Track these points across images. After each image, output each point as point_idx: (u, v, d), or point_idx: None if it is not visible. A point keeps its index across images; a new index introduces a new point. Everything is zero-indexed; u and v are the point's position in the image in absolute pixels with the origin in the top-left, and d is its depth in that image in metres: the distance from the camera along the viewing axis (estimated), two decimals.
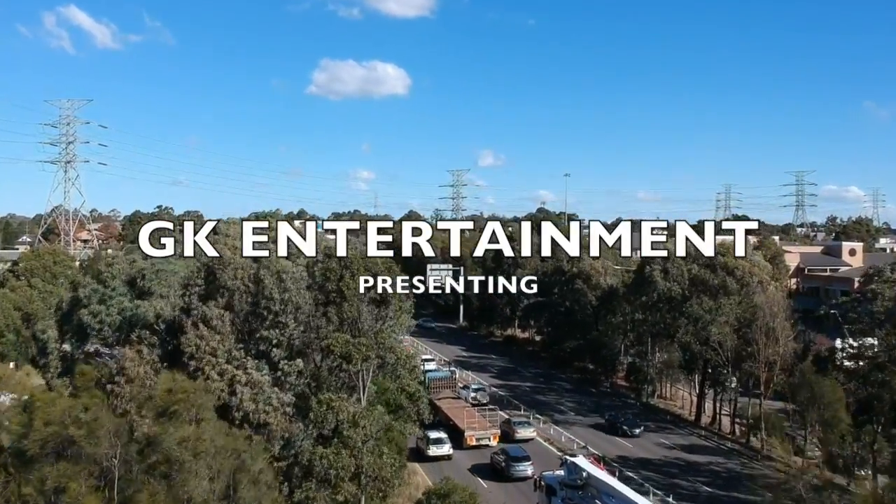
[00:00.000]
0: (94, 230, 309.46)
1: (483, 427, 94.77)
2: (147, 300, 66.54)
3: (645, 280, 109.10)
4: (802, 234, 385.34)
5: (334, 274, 53.96)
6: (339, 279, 53.98)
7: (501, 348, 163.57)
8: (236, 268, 56.15)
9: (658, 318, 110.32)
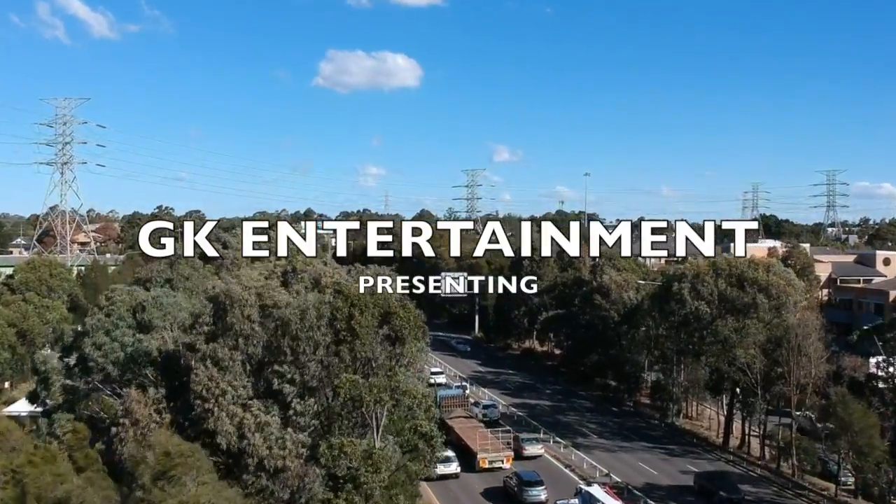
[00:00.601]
0: (92, 232, 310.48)
1: (496, 449, 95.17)
2: (149, 334, 67.05)
3: (672, 297, 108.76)
4: (833, 234, 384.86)
5: (342, 313, 54.21)
6: (348, 318, 54.21)
7: (519, 362, 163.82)
8: (245, 305, 56.48)
9: (684, 337, 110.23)
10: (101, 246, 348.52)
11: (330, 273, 71.26)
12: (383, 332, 54.96)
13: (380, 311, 54.99)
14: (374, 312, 54.52)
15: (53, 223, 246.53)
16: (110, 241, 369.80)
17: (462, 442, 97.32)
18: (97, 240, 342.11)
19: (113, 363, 65.08)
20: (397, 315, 54.98)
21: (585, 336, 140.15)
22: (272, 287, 59.63)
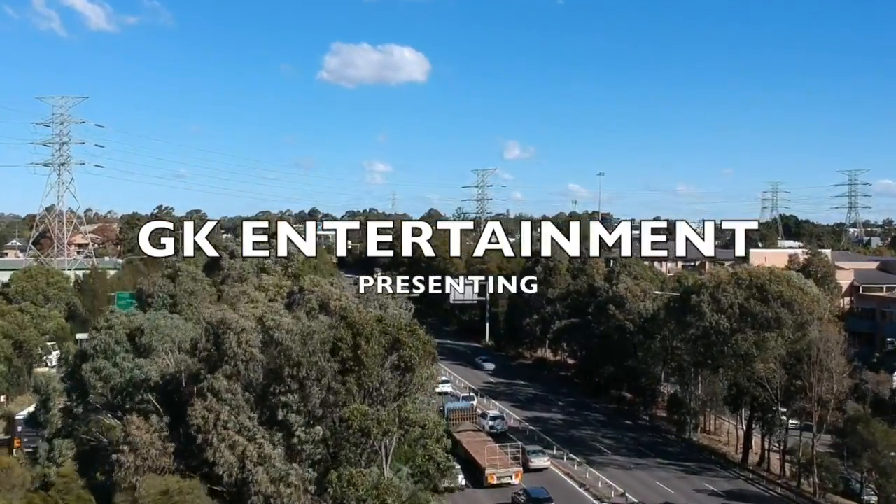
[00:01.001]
0: (90, 233, 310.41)
1: (505, 464, 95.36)
2: (149, 358, 67.31)
3: (690, 309, 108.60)
4: (855, 235, 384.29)
5: (346, 343, 54.26)
6: (354, 347, 54.22)
7: (531, 372, 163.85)
8: (241, 331, 56.61)
9: (702, 350, 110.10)
10: (99, 248, 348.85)
11: (338, 295, 71.32)
12: (392, 360, 54.95)
13: (388, 340, 54.94)
14: (381, 341, 54.50)
15: (50, 225, 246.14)
16: (109, 243, 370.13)
17: (470, 456, 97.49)
18: (95, 241, 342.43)
19: (112, 388, 65.38)
20: (406, 344, 54.91)
21: (600, 346, 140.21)
22: (275, 311, 59.64)
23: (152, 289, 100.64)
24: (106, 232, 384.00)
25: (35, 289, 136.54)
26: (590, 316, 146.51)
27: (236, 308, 62.32)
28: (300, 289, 73.92)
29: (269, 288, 78.53)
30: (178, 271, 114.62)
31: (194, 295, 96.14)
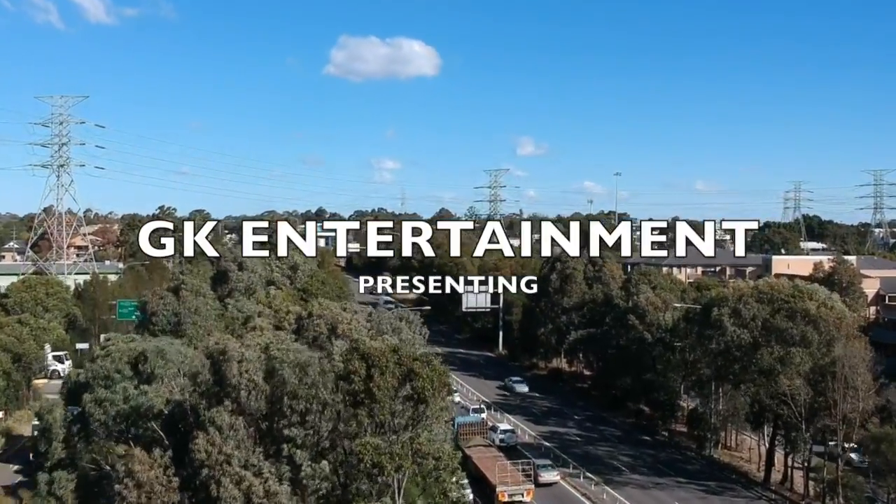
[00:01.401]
0: (90, 235, 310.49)
1: (516, 481, 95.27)
2: (153, 385, 67.46)
3: (711, 323, 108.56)
4: (880, 236, 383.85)
5: (359, 375, 54.28)
6: (366, 378, 54.22)
7: (546, 384, 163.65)
8: (241, 360, 56.71)
9: (723, 364, 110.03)
10: (99, 250, 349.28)
11: (347, 319, 71.30)
12: (405, 391, 54.99)
13: (401, 371, 54.97)
14: (394, 372, 54.55)
15: (49, 228, 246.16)
16: (109, 245, 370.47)
17: (480, 473, 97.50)
18: (95, 243, 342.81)
19: (115, 416, 65.54)
20: (420, 375, 54.92)
21: (617, 358, 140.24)
22: (282, 340, 59.77)
23: (157, 307, 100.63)
24: (106, 233, 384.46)
25: (34, 299, 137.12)
26: (607, 326, 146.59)
27: (242, 338, 62.38)
28: (309, 314, 73.68)
29: (278, 308, 78.43)
30: (181, 284, 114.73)
31: (198, 313, 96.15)
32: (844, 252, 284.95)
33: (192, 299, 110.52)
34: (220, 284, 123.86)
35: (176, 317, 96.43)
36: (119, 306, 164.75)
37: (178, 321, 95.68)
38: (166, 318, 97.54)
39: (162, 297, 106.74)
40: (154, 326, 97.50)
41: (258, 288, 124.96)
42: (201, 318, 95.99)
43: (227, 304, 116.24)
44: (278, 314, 77.72)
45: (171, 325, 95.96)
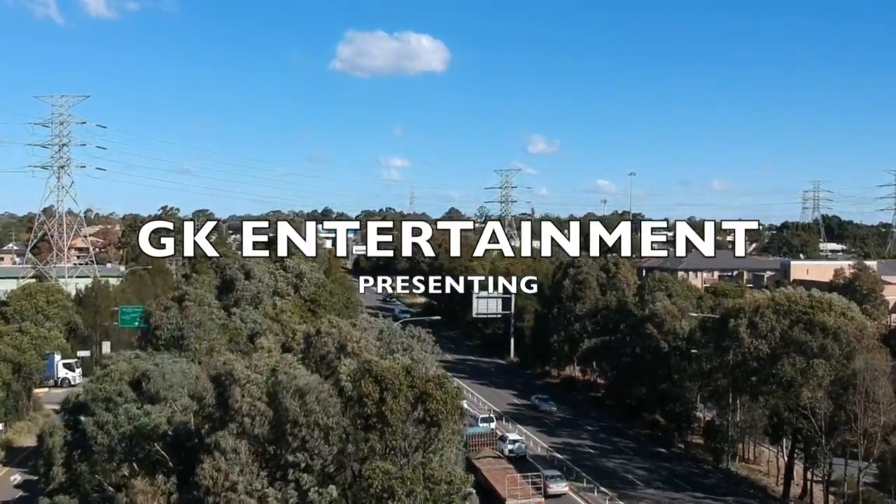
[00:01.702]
0: (91, 236, 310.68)
1: (526, 494, 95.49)
2: (156, 405, 67.58)
3: (728, 334, 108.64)
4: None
5: (371, 399, 54.25)
6: (379, 402, 54.18)
7: (559, 393, 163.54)
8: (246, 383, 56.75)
9: (740, 375, 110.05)
10: (100, 251, 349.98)
11: (357, 337, 71.19)
12: (416, 414, 55.00)
13: (414, 394, 54.97)
14: (407, 395, 54.58)
15: (49, 231, 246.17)
16: (110, 247, 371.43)
17: (489, 485, 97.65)
18: (96, 245, 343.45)
19: (118, 439, 65.63)
20: (434, 398, 54.90)
21: (631, 367, 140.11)
22: (289, 363, 59.80)
23: (160, 320, 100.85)
24: (107, 235, 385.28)
25: (34, 307, 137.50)
26: (621, 334, 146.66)
27: (249, 357, 62.41)
28: (317, 331, 73.55)
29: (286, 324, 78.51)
30: (185, 295, 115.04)
31: (202, 326, 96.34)
32: (864, 255, 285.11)
33: (196, 311, 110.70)
34: (225, 293, 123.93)
35: (179, 331, 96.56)
36: (121, 313, 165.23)
37: (182, 335, 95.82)
38: (169, 331, 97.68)
39: (166, 308, 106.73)
40: (157, 340, 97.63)
41: (265, 297, 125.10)
42: (205, 331, 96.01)
43: (233, 313, 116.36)
44: (286, 331, 77.69)
45: (175, 340, 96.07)
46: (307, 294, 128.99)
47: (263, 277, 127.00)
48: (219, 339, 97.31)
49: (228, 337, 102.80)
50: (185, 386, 68.14)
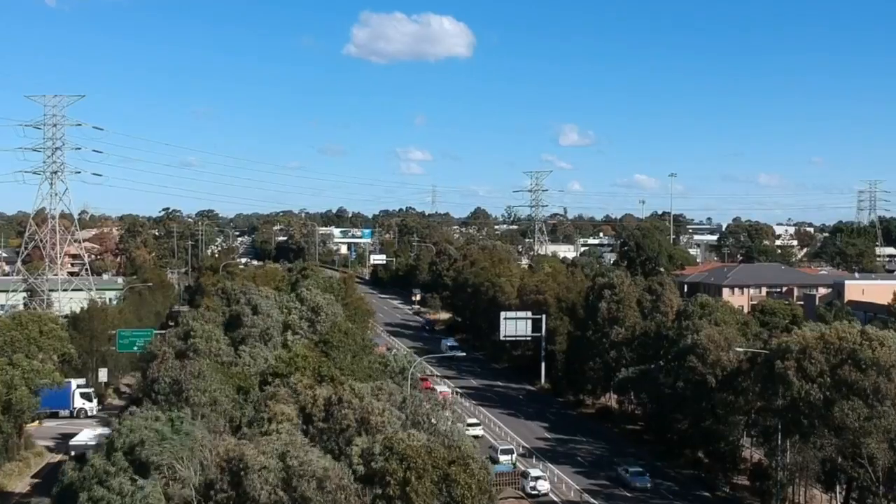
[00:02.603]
0: (86, 241, 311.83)
1: None
2: (151, 476, 67.78)
3: (775, 377, 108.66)
4: None
5: (395, 478, 54.70)
6: (403, 483, 54.57)
7: (594, 425, 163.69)
8: (261, 469, 57.22)
9: (791, 419, 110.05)
10: (97, 259, 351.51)
11: (379, 409, 71.41)
12: (442, 498, 55.43)
13: (438, 475, 55.30)
14: (432, 477, 54.94)
15: (41, 241, 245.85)
16: (107, 254, 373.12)
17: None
18: (91, 251, 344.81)
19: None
20: (458, 482, 55.24)
21: (672, 399, 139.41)
22: (299, 446, 60.25)
23: (157, 372, 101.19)
24: (104, 240, 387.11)
25: (26, 338, 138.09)
26: (661, 361, 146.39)
27: (255, 442, 62.71)
28: (339, 399, 73.63)
29: (302, 390, 78.52)
30: (190, 331, 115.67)
31: (202, 376, 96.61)
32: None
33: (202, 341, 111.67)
34: (233, 329, 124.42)
35: (177, 384, 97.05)
36: (119, 336, 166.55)
37: (180, 388, 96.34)
38: (167, 384, 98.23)
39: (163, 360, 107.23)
40: (156, 394, 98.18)
41: (275, 333, 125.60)
42: (206, 381, 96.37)
43: (242, 352, 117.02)
44: (300, 396, 77.89)
45: (174, 393, 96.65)
46: (320, 332, 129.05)
47: (272, 312, 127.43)
48: (223, 390, 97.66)
49: (236, 386, 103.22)
50: (183, 455, 68.31)
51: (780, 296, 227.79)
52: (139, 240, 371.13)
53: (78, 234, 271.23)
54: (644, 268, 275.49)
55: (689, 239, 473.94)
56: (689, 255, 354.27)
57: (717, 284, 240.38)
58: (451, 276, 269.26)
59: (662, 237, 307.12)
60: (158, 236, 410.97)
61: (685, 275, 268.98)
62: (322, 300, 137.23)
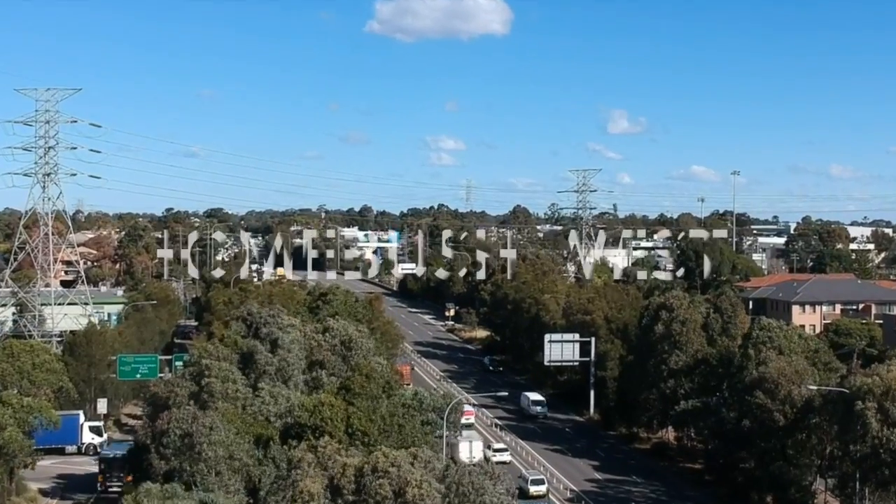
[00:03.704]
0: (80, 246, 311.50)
1: None
2: None
3: (852, 416, 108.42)
4: None
5: None
6: None
7: (649, 463, 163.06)
8: None
9: (870, 466, 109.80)
10: (94, 266, 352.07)
11: (417, 480, 71.55)
12: None
13: None
14: None
15: (32, 249, 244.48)
16: (105, 260, 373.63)
17: None
18: (88, 258, 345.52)
19: None
20: None
21: (736, 436, 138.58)
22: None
23: (165, 423, 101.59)
24: (101, 244, 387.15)
25: (18, 371, 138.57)
26: (726, 393, 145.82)
27: None
28: (373, 468, 73.63)
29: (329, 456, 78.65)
30: (204, 370, 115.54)
31: (214, 429, 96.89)
32: None
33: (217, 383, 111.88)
34: (250, 365, 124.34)
35: (188, 437, 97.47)
36: (120, 363, 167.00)
37: (192, 442, 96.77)
38: (177, 437, 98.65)
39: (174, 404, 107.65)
40: (164, 448, 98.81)
41: (295, 372, 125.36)
42: (220, 433, 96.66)
43: (260, 391, 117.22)
44: (329, 463, 78.00)
45: (186, 447, 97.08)
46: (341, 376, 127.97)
47: (292, 347, 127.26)
48: (240, 444, 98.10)
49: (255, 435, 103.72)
50: None
51: (856, 314, 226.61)
52: (140, 244, 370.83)
53: (72, 236, 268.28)
54: (704, 279, 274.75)
55: (754, 242, 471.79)
56: (755, 264, 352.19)
57: (786, 301, 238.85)
58: (490, 289, 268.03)
59: (725, 245, 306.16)
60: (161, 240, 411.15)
61: (750, 288, 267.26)
62: (354, 332, 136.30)
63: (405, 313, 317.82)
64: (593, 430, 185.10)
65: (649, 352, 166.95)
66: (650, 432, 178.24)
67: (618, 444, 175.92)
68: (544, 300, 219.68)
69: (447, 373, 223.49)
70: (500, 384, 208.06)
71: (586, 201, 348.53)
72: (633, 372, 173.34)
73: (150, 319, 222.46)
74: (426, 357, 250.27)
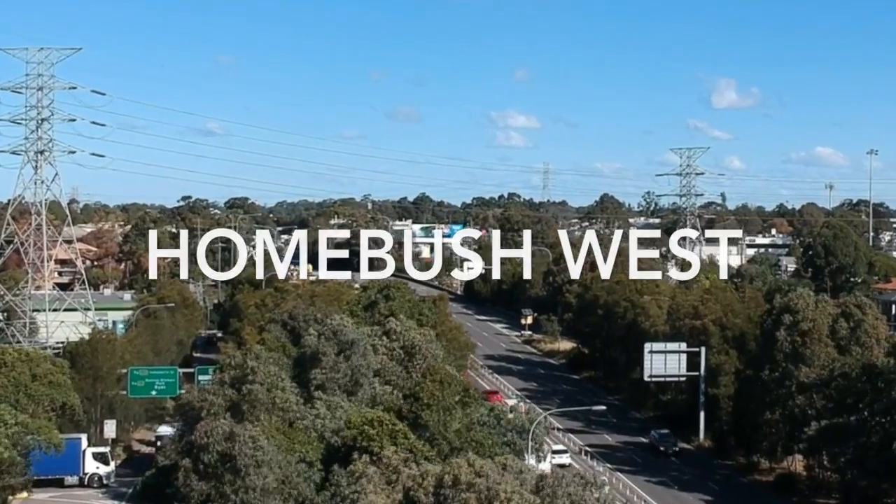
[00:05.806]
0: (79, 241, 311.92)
1: None
2: None
3: None
4: None
5: None
6: None
7: (772, 497, 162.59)
8: None
9: None
10: (94, 265, 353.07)
11: (507, 493, 72.32)
12: None
13: None
14: None
15: (23, 244, 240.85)
16: (108, 259, 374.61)
17: None
18: (88, 255, 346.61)
19: None
20: None
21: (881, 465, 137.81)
22: None
23: (202, 438, 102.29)
24: (103, 239, 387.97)
25: (14, 384, 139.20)
26: (866, 412, 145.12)
27: None
28: (454, 480, 74.12)
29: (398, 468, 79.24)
30: (247, 374, 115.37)
31: (259, 447, 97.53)
32: None
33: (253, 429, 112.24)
34: (305, 369, 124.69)
35: (230, 458, 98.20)
36: (131, 377, 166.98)
37: (235, 465, 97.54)
38: (217, 456, 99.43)
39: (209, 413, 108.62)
40: (204, 466, 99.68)
41: (364, 382, 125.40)
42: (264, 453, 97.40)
43: (316, 401, 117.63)
44: (401, 476, 78.60)
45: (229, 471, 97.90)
46: (421, 369, 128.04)
47: (367, 353, 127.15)
48: (294, 467, 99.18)
49: (307, 459, 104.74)
50: None
51: None
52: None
53: (69, 229, 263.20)
54: (835, 280, 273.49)
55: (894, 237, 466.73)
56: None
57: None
58: (576, 291, 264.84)
59: (860, 239, 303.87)
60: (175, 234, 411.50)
61: (891, 290, 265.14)
62: (418, 336, 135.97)
63: (472, 321, 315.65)
64: (704, 459, 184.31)
65: (772, 364, 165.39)
66: (773, 461, 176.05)
67: (734, 475, 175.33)
68: (643, 303, 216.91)
69: (525, 392, 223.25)
70: (590, 405, 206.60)
71: (692, 186, 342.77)
72: (752, 389, 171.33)
73: (165, 327, 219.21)
74: (499, 373, 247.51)
